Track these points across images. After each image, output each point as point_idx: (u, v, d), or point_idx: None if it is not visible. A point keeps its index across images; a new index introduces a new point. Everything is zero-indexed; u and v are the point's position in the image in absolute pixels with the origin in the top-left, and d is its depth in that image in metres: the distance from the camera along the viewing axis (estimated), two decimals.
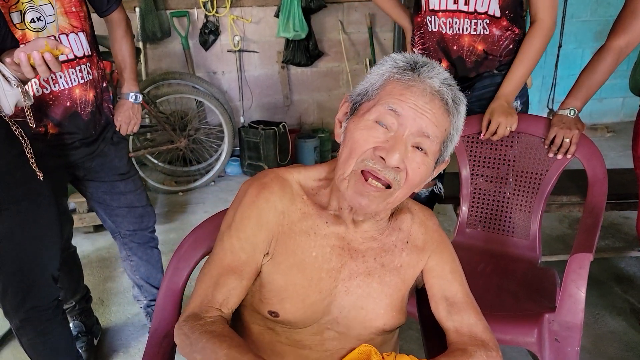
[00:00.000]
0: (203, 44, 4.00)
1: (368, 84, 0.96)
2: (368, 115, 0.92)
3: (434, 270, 1.09)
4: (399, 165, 0.90)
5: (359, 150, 0.91)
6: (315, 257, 1.01)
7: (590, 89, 1.74)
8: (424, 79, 0.92)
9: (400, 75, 0.93)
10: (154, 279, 2.09)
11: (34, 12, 1.56)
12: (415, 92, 0.91)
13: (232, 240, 1.00)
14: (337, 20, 4.17)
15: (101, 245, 2.96)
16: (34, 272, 1.50)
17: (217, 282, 0.99)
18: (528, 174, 1.90)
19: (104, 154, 1.83)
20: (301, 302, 0.99)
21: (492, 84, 1.89)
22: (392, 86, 0.93)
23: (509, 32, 1.82)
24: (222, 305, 0.98)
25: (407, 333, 2.04)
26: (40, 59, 1.25)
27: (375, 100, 0.93)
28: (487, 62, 1.87)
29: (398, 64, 0.95)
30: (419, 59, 0.95)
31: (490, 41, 1.83)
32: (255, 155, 3.92)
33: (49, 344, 1.59)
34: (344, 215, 1.01)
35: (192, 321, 0.95)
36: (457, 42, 1.85)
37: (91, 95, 1.74)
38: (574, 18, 4.47)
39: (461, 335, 1.04)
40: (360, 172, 0.92)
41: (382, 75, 0.95)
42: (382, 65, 0.97)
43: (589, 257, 1.46)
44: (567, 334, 1.49)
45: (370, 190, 0.91)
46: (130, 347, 2.14)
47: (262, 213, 1.00)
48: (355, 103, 0.97)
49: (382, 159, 0.90)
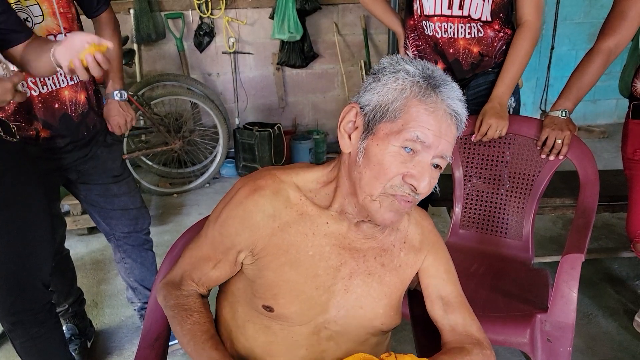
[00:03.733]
0: (198, 45, 4.01)
1: (384, 99, 0.93)
2: (394, 140, 0.91)
3: (429, 270, 1.11)
4: (429, 192, 0.94)
5: (388, 176, 0.92)
6: (312, 256, 1.01)
7: (581, 90, 1.75)
8: (445, 99, 0.92)
9: (422, 97, 0.91)
10: (148, 281, 2.08)
11: (21, 12, 1.56)
12: (440, 117, 0.91)
13: (214, 233, 1.04)
14: (332, 22, 4.18)
15: (95, 248, 2.95)
16: (24, 276, 1.49)
17: (194, 264, 1.08)
18: (521, 175, 1.91)
19: (97, 156, 1.83)
20: (296, 297, 1.00)
21: (485, 82, 1.91)
22: (417, 110, 0.91)
23: (502, 33, 1.84)
24: (197, 283, 1.09)
25: (401, 334, 2.04)
26: (93, 61, 1.25)
27: (399, 123, 0.91)
28: (483, 63, 1.89)
29: (416, 80, 0.92)
30: (436, 74, 0.94)
31: (485, 43, 1.85)
32: (250, 156, 3.93)
33: (41, 347, 1.59)
34: (349, 217, 1.01)
35: (171, 288, 1.09)
36: (453, 45, 1.86)
37: (82, 97, 1.73)
38: (567, 20, 4.49)
39: (457, 334, 1.07)
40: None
41: (401, 92, 0.92)
42: (396, 78, 0.93)
43: (580, 257, 1.47)
44: (559, 334, 1.50)
45: (407, 206, 0.95)
46: (124, 350, 2.14)
47: (247, 215, 1.00)
48: (372, 120, 0.94)
49: (412, 186, 0.92)
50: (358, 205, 0.98)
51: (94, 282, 2.63)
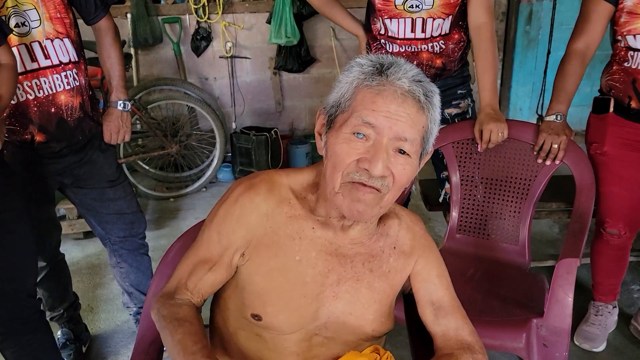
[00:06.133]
0: (195, 50, 4.00)
1: (339, 94, 0.96)
2: (344, 128, 0.92)
3: (420, 275, 1.10)
4: (383, 174, 0.90)
5: (342, 164, 0.92)
6: (299, 261, 1.01)
7: (568, 92, 1.79)
8: (393, 81, 0.91)
9: (369, 82, 0.92)
10: (143, 285, 2.07)
11: (18, 17, 1.56)
12: (387, 97, 0.90)
13: (211, 233, 1.04)
14: (329, 26, 4.18)
15: (91, 252, 2.94)
16: (6, 287, 1.46)
17: (191, 270, 1.05)
18: (517, 180, 1.91)
19: (92, 161, 1.82)
20: (284, 306, 1.00)
21: (445, 84, 1.95)
22: (363, 95, 0.92)
23: (460, 43, 1.91)
24: (192, 290, 1.05)
25: (397, 339, 2.03)
26: None
27: (349, 112, 0.93)
28: (445, 72, 1.95)
29: (365, 69, 0.94)
30: (385, 60, 0.94)
31: (446, 54, 1.91)
32: (247, 161, 3.92)
33: (33, 355, 1.57)
34: (332, 222, 1.01)
35: (165, 299, 1.04)
36: (416, 57, 1.90)
37: (78, 102, 1.73)
38: (563, 25, 4.50)
39: (448, 340, 1.06)
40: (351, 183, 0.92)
41: (352, 83, 0.94)
42: (349, 72, 0.96)
43: (576, 262, 1.47)
44: (555, 339, 1.50)
45: (366, 192, 0.92)
46: (119, 355, 2.13)
47: (244, 212, 1.00)
48: (331, 115, 0.97)
49: (366, 170, 0.90)
50: (328, 203, 0.98)
51: (90, 286, 2.62)
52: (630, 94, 1.74)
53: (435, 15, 1.82)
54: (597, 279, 2.09)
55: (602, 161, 1.85)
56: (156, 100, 3.60)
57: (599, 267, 2.05)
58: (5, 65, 1.41)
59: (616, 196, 1.86)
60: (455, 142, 1.94)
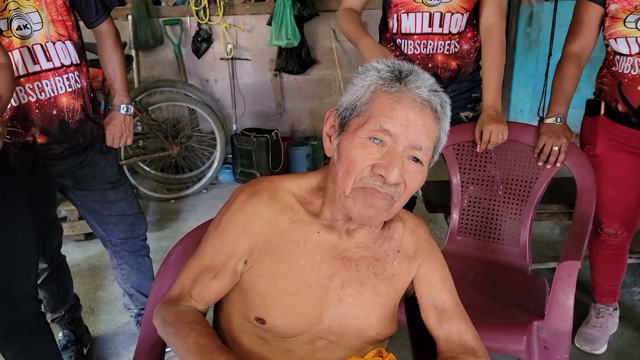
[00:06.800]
0: (196, 51, 4.01)
1: (354, 97, 0.95)
2: (360, 132, 0.92)
3: (424, 278, 1.10)
4: (398, 181, 0.91)
5: (357, 169, 0.92)
6: (304, 266, 1.01)
7: (566, 94, 1.80)
8: (412, 89, 0.91)
9: (388, 88, 0.92)
10: (144, 287, 2.07)
11: (20, 19, 1.56)
12: (405, 105, 0.90)
13: (215, 241, 1.03)
14: (330, 28, 4.18)
15: (92, 254, 2.94)
16: (7, 289, 1.46)
17: (195, 278, 1.04)
18: (518, 182, 1.91)
19: (93, 163, 1.82)
20: (288, 309, 0.99)
21: (459, 88, 1.95)
22: (381, 100, 0.92)
23: (473, 42, 1.90)
24: (196, 298, 1.04)
25: (398, 341, 2.02)
26: None
27: (365, 116, 0.92)
28: (460, 74, 1.94)
29: (383, 75, 0.94)
30: (404, 67, 0.95)
31: (461, 56, 1.90)
32: (247, 162, 3.92)
33: (34, 356, 1.57)
34: (337, 225, 1.01)
35: (170, 306, 1.02)
36: (432, 60, 1.89)
37: (79, 104, 1.73)
38: (564, 27, 4.50)
39: (451, 344, 1.05)
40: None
41: (368, 87, 0.94)
42: (365, 76, 0.96)
43: (577, 264, 1.47)
44: (556, 342, 1.50)
45: (380, 198, 0.92)
46: (120, 356, 2.13)
47: (247, 220, 1.00)
48: (344, 118, 0.96)
49: (381, 177, 0.90)
50: (335, 206, 0.98)
51: (91, 288, 2.62)
52: (616, 97, 1.76)
53: (454, 10, 1.81)
54: (596, 280, 2.09)
55: (595, 162, 1.86)
56: (157, 102, 3.61)
57: (597, 268, 2.05)
58: (0, 65, 1.41)
59: (610, 197, 1.88)
60: (455, 144, 1.95)
